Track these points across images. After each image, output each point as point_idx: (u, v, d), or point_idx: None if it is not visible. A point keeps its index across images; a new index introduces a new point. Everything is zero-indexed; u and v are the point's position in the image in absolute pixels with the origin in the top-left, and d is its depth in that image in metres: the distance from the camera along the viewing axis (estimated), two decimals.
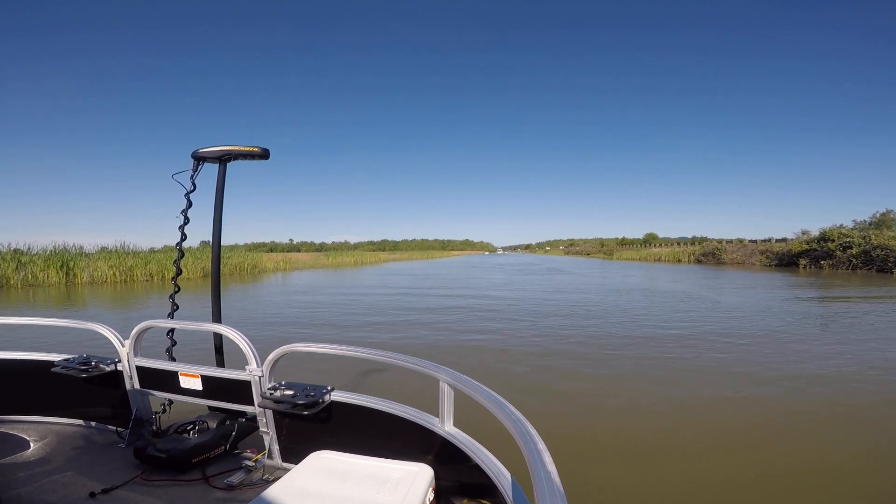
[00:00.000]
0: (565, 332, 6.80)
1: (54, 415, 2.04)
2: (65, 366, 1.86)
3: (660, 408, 3.63)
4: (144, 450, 1.64)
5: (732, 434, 3.15)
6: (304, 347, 1.57)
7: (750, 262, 32.26)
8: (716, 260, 34.48)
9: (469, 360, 5.24)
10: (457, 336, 6.65)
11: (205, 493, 1.52)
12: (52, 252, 19.61)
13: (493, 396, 1.09)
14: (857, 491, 2.43)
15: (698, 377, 4.48)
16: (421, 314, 8.96)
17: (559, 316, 8.53)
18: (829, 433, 3.18)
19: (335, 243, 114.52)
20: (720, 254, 34.80)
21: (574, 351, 5.62)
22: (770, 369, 4.72)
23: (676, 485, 2.46)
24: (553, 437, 2.97)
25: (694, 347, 5.75)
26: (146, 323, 1.84)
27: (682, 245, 48.36)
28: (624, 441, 3.02)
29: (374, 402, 1.50)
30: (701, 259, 36.21)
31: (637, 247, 63.02)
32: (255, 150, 2.16)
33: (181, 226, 2.30)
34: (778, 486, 2.46)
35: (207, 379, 1.72)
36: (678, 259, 39.62)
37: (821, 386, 4.20)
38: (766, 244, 34.18)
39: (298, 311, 9.60)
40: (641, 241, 76.64)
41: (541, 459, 0.75)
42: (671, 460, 2.75)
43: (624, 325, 7.40)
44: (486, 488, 1.19)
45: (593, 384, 4.27)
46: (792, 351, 5.55)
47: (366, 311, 9.53)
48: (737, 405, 3.70)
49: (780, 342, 6.06)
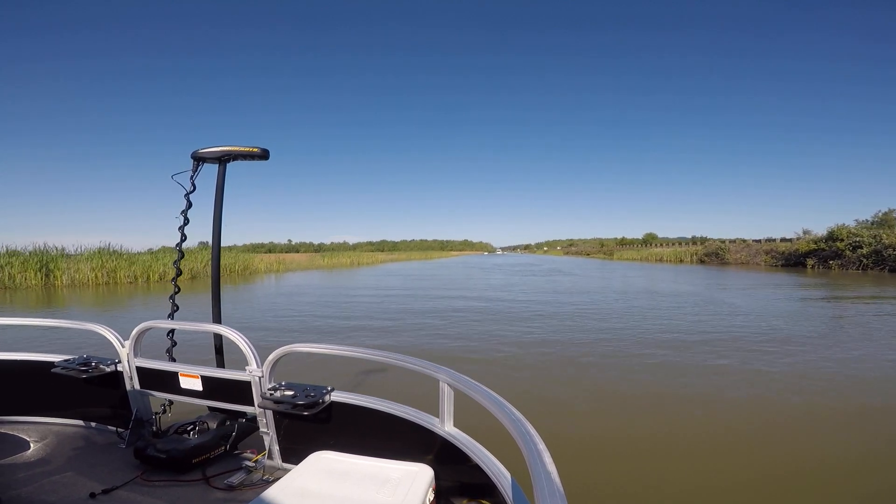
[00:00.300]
0: (576, 343, 6.21)
1: (54, 415, 2.05)
2: (65, 366, 1.87)
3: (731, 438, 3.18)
4: (144, 450, 1.65)
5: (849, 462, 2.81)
6: (304, 348, 1.59)
7: (754, 263, 31.94)
8: (719, 260, 34.15)
9: (469, 367, 5.07)
10: (452, 344, 6.34)
11: (205, 493, 1.52)
12: (31, 253, 18.66)
13: (492, 396, 1.10)
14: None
15: (763, 388, 4.13)
16: (418, 317, 8.73)
17: (565, 320, 8.17)
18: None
19: (334, 244, 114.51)
20: (724, 254, 34.45)
21: (586, 361, 5.23)
22: (825, 377, 4.49)
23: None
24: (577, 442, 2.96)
25: (733, 356, 5.36)
26: (146, 323, 1.84)
27: (684, 245, 48.17)
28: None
29: (374, 403, 1.51)
30: (704, 259, 35.88)
31: (637, 247, 62.78)
32: (254, 150, 2.17)
33: (181, 226, 2.30)
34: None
35: (207, 379, 1.73)
36: (680, 259, 39.36)
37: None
38: (770, 244, 33.87)
39: (278, 318, 8.97)
40: (641, 240, 76.61)
41: (541, 459, 0.75)
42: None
43: (647, 332, 6.94)
44: (486, 488, 1.20)
45: (611, 398, 3.96)
46: (842, 357, 5.30)
47: (354, 316, 9.13)
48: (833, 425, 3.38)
49: (824, 347, 5.85)
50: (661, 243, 59.72)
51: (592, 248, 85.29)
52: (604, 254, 64.90)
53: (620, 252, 56.90)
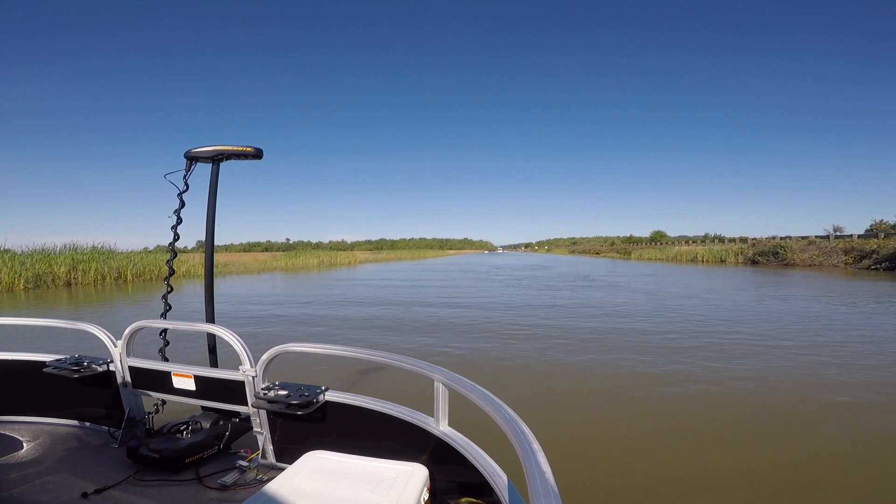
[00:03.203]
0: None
1: (47, 415, 2.09)
2: (56, 366, 1.91)
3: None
4: (137, 450, 1.69)
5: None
6: (298, 347, 1.62)
7: (829, 264, 26.38)
8: (779, 261, 28.52)
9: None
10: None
11: (198, 493, 1.56)
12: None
13: (487, 396, 1.12)
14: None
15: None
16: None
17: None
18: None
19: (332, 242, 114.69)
20: (785, 253, 28.67)
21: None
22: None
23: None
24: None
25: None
26: (139, 323, 1.88)
27: (706, 243, 43.64)
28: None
29: (369, 402, 1.55)
30: (758, 259, 30.01)
31: (644, 245, 61.09)
32: (248, 149, 2.21)
33: (174, 226, 2.34)
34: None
35: (201, 379, 1.77)
36: (721, 259, 33.42)
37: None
38: (847, 240, 27.55)
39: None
40: (649, 238, 76.15)
41: (535, 459, 0.77)
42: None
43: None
44: (480, 488, 1.23)
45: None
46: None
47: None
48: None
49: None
50: (673, 242, 57.77)
51: (601, 246, 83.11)
52: (617, 252, 60.67)
53: (639, 251, 51.19)
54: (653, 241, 67.63)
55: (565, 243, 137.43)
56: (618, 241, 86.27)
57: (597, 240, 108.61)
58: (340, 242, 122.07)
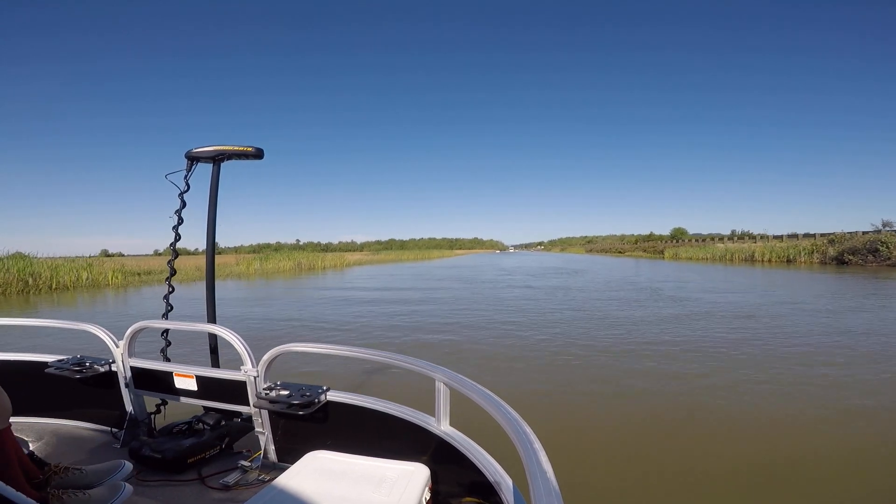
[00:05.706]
0: None
1: (49, 416, 2.15)
2: (58, 367, 1.96)
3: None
4: (139, 450, 1.73)
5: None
6: (299, 347, 1.65)
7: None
8: (880, 260, 23.41)
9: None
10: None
11: (200, 493, 1.60)
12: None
13: (489, 396, 1.13)
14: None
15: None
16: None
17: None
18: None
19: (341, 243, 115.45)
20: (888, 251, 23.26)
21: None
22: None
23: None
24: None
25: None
26: (140, 323, 1.93)
27: (736, 240, 40.23)
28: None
29: (371, 402, 1.57)
30: (848, 259, 24.77)
31: (666, 242, 58.25)
32: (249, 149, 2.25)
33: (175, 226, 2.39)
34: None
35: (202, 379, 1.81)
36: (788, 259, 28.76)
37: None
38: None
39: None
40: (669, 236, 74.62)
41: (537, 458, 0.78)
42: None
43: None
44: (482, 487, 1.25)
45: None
46: None
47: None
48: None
49: None
50: (705, 239, 53.98)
51: (622, 244, 79.67)
52: (644, 251, 56.12)
53: (673, 249, 46.40)
54: (674, 239, 65.95)
55: (579, 242, 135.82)
56: (639, 238, 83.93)
57: (613, 238, 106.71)
58: (350, 243, 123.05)
